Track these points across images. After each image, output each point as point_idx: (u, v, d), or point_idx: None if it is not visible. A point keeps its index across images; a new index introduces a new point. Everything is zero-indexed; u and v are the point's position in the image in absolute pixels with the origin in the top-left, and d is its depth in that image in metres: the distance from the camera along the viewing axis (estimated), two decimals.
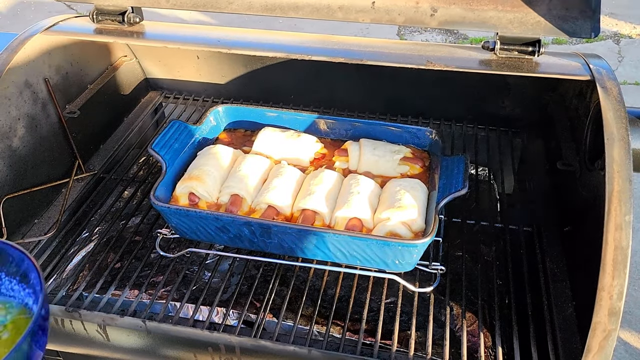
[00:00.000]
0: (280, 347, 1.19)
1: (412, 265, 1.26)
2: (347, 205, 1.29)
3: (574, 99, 1.48)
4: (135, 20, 1.51)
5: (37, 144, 1.56)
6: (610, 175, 1.07)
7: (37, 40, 1.51)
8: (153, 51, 1.95)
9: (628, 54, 4.90)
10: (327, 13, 1.38)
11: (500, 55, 1.31)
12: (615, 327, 1.03)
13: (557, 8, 1.25)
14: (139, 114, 1.97)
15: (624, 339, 2.62)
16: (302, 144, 1.49)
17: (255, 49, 1.46)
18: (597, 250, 1.05)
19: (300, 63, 1.39)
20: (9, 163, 1.47)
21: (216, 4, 1.45)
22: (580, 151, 1.37)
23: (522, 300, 1.31)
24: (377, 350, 1.19)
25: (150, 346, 1.27)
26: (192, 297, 1.37)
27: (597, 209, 1.09)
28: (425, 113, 1.83)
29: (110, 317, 1.26)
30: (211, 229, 1.29)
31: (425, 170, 1.44)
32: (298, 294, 1.35)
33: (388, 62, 1.33)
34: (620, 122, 1.11)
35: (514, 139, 1.80)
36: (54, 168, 1.64)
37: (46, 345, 0.85)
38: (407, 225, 1.25)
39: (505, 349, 1.22)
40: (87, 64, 1.77)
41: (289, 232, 1.24)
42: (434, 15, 1.33)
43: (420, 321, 1.28)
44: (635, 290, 2.84)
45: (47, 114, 1.60)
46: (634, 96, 4.30)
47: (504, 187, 1.71)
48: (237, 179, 1.37)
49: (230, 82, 1.96)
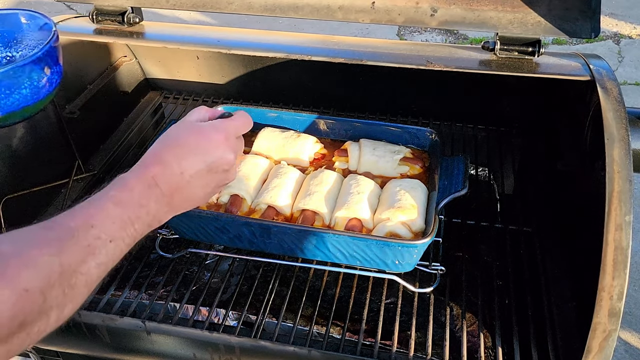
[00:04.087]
0: (280, 347, 1.19)
1: (412, 265, 1.26)
2: (347, 205, 1.29)
3: (574, 99, 1.48)
4: (135, 21, 1.51)
5: (36, 144, 1.56)
6: (610, 176, 1.07)
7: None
8: (153, 51, 1.95)
9: (628, 54, 4.90)
10: (327, 13, 1.38)
11: (500, 56, 1.31)
12: (616, 328, 1.03)
13: (557, 8, 1.25)
14: (139, 114, 1.97)
15: (624, 340, 2.62)
16: (302, 144, 1.49)
17: (255, 49, 1.46)
18: (597, 251, 1.05)
19: (300, 63, 1.39)
20: (8, 163, 1.47)
21: (216, 4, 1.45)
22: (580, 151, 1.37)
23: (522, 301, 1.31)
24: (377, 350, 1.19)
25: (150, 346, 1.27)
26: (192, 298, 1.37)
27: (597, 210, 1.09)
28: (425, 113, 1.83)
29: (110, 318, 1.26)
30: (211, 229, 1.29)
31: (425, 171, 1.44)
32: (298, 294, 1.35)
33: (388, 62, 1.33)
34: (620, 122, 1.11)
35: (514, 139, 1.80)
36: (54, 168, 1.64)
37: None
38: (407, 226, 1.25)
39: (506, 350, 1.22)
40: (87, 65, 1.77)
41: (289, 232, 1.23)
42: (434, 15, 1.33)
43: (420, 321, 1.28)
44: (636, 290, 2.84)
45: (46, 114, 1.60)
46: (634, 96, 4.30)
47: (504, 188, 1.71)
48: (237, 179, 1.37)
49: (230, 82, 1.96)
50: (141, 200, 0.91)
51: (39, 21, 1.34)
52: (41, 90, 1.22)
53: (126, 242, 0.87)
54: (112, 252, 0.84)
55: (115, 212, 0.86)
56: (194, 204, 1.05)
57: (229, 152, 1.04)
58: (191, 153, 0.99)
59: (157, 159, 0.98)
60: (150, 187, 0.93)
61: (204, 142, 1.02)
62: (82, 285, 0.79)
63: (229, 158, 1.04)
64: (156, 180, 0.95)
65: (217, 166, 1.03)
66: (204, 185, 1.03)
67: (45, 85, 1.22)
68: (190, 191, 1.00)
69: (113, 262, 0.86)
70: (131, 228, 0.88)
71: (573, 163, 1.45)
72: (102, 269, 0.83)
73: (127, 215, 0.88)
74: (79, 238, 0.80)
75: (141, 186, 0.93)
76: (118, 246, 0.85)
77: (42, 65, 1.20)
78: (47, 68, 1.21)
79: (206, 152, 1.01)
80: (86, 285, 0.80)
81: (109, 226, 0.84)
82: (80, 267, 0.78)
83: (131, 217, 0.88)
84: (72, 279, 0.76)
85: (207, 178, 1.02)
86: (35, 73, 1.19)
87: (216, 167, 1.03)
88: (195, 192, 1.02)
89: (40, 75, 1.20)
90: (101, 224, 0.83)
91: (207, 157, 1.01)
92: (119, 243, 0.86)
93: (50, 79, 1.23)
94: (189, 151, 1.00)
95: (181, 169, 0.98)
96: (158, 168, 0.96)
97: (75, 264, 0.77)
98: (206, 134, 1.03)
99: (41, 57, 1.19)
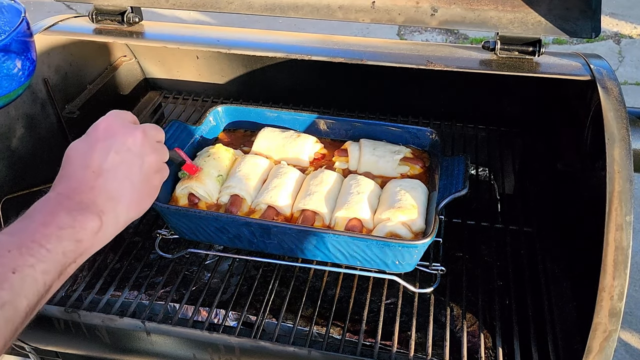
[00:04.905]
0: (280, 347, 1.19)
1: (413, 265, 1.25)
2: (347, 205, 1.29)
3: (574, 99, 1.48)
4: (135, 20, 1.51)
5: (36, 144, 1.56)
6: (610, 176, 1.06)
7: (36, 41, 1.51)
8: (152, 51, 1.94)
9: (629, 54, 4.90)
10: (327, 13, 1.37)
11: (500, 56, 1.31)
12: (616, 328, 1.03)
13: (557, 8, 1.25)
14: (139, 114, 1.96)
15: (624, 340, 2.62)
16: (302, 144, 1.49)
17: (255, 49, 1.46)
18: (597, 251, 1.05)
19: (300, 63, 1.39)
20: (8, 163, 1.47)
21: (216, 4, 1.45)
22: (581, 151, 1.37)
23: (523, 301, 1.31)
24: (377, 351, 1.19)
25: (149, 347, 1.27)
26: (192, 298, 1.36)
27: (597, 210, 1.08)
28: (426, 113, 1.83)
29: (110, 318, 1.26)
30: (211, 229, 1.29)
31: (425, 171, 1.44)
32: (298, 294, 1.34)
33: (388, 62, 1.33)
34: (620, 122, 1.11)
35: (514, 139, 1.80)
36: (54, 168, 1.62)
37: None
38: (408, 226, 1.25)
39: (506, 350, 1.22)
40: (87, 64, 1.77)
41: (289, 232, 1.23)
42: (434, 15, 1.32)
43: (420, 322, 1.28)
44: (636, 290, 2.83)
45: (46, 114, 1.60)
46: (634, 96, 4.30)
47: (504, 188, 1.71)
48: (237, 179, 1.37)
49: (230, 82, 1.95)
50: (45, 218, 0.80)
51: (9, 9, 1.24)
52: (13, 79, 1.14)
53: (40, 268, 0.74)
54: (20, 285, 0.70)
55: (8, 241, 0.74)
56: (131, 201, 0.92)
57: (129, 129, 0.94)
58: (90, 148, 0.91)
59: (60, 174, 0.90)
60: (51, 200, 0.84)
61: (100, 133, 0.93)
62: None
63: (134, 134, 0.93)
64: (57, 191, 0.85)
65: (121, 146, 0.91)
66: (126, 175, 0.91)
67: (16, 74, 1.14)
68: (111, 185, 0.88)
69: (28, 298, 0.71)
70: (41, 249, 0.75)
71: (573, 163, 1.45)
72: (8, 309, 0.68)
73: (28, 237, 0.75)
74: None
75: (41, 205, 0.83)
76: (28, 275, 0.72)
77: (10, 54, 1.12)
78: (17, 57, 1.13)
79: (105, 139, 0.91)
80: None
81: (4, 256, 0.72)
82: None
83: (35, 238, 0.76)
84: None
85: (122, 166, 0.90)
86: (4, 62, 1.11)
87: (120, 148, 0.91)
88: (120, 186, 0.90)
89: (10, 64, 1.12)
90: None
91: (106, 143, 0.91)
92: (28, 272, 0.72)
93: (22, 68, 1.15)
94: (87, 147, 0.91)
95: (84, 165, 0.88)
96: (61, 180, 0.88)
97: None
98: (96, 126, 0.95)
99: (7, 45, 1.10)
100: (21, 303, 0.70)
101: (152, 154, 0.97)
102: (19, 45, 1.14)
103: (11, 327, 0.69)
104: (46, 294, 0.75)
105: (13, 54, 1.13)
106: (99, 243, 0.86)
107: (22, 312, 0.71)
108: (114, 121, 0.95)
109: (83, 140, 0.94)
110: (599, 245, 1.04)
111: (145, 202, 0.96)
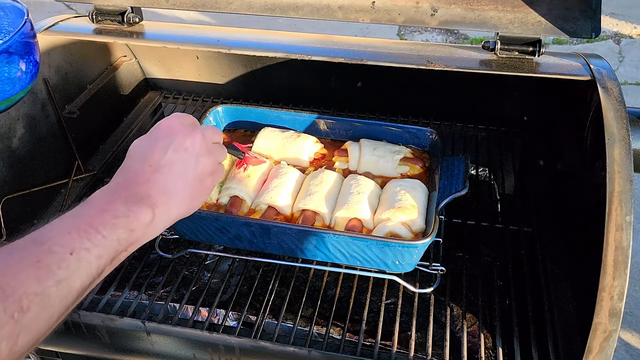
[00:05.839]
0: (279, 347, 1.19)
1: (413, 265, 1.25)
2: (347, 205, 1.29)
3: (574, 99, 1.48)
4: (135, 20, 1.51)
5: (36, 144, 1.56)
6: (611, 176, 1.06)
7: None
8: (152, 51, 1.94)
9: (629, 54, 4.90)
10: (327, 13, 1.37)
11: (500, 56, 1.31)
12: (616, 328, 1.03)
13: (557, 8, 1.25)
14: (139, 114, 1.97)
15: (624, 340, 2.62)
16: (302, 144, 1.49)
17: (255, 49, 1.46)
18: (597, 251, 1.05)
19: (300, 63, 1.39)
20: (8, 163, 1.47)
21: (216, 4, 1.45)
22: (581, 151, 1.37)
23: (523, 301, 1.30)
24: (377, 351, 1.19)
25: (149, 347, 1.27)
26: (192, 298, 1.36)
27: (597, 210, 1.08)
28: (426, 113, 1.83)
29: (110, 318, 1.26)
30: (211, 229, 1.29)
31: (425, 171, 1.44)
32: (298, 294, 1.34)
33: (388, 62, 1.33)
34: (621, 122, 1.11)
35: (514, 139, 1.80)
36: (54, 168, 1.64)
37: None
38: (408, 226, 1.25)
39: (506, 350, 1.22)
40: (87, 64, 1.77)
41: (289, 232, 1.23)
42: (434, 15, 1.32)
43: (420, 322, 1.28)
44: (636, 290, 2.83)
45: (46, 114, 1.60)
46: (634, 96, 4.30)
47: (504, 188, 1.71)
48: (237, 180, 1.37)
49: (230, 82, 1.95)
50: (103, 205, 0.84)
51: (12, 10, 1.24)
52: (16, 82, 1.13)
53: (95, 252, 0.77)
54: (76, 266, 0.74)
55: (70, 223, 0.79)
56: (183, 198, 0.95)
57: (189, 130, 0.98)
58: (151, 145, 0.94)
59: (121, 167, 0.93)
60: (110, 189, 0.88)
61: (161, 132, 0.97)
62: (40, 309, 0.69)
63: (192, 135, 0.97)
64: (117, 181, 0.90)
65: (179, 145, 0.95)
66: (180, 173, 0.94)
67: (19, 77, 1.13)
68: (166, 180, 0.92)
69: (82, 279, 0.75)
70: (97, 235, 0.78)
71: (573, 163, 1.45)
72: (63, 287, 0.72)
73: (86, 222, 0.79)
74: (23, 255, 0.71)
75: (101, 193, 0.87)
76: (84, 258, 0.76)
77: (13, 57, 1.10)
78: (20, 59, 1.12)
79: (165, 138, 0.95)
80: (46, 308, 0.70)
81: (64, 237, 0.75)
82: (30, 288, 0.68)
83: (92, 224, 0.79)
84: (22, 302, 0.67)
85: (177, 163, 0.94)
86: (6, 65, 1.10)
87: (178, 147, 0.95)
88: (174, 182, 0.93)
89: (12, 67, 1.11)
90: (52, 237, 0.75)
91: (166, 141, 0.94)
92: (84, 255, 0.76)
93: (25, 71, 1.14)
94: (148, 144, 0.95)
95: (143, 159, 0.92)
96: (121, 172, 0.92)
97: (19, 284, 0.68)
98: (158, 126, 0.99)
99: (10, 47, 1.09)
100: (75, 283, 0.74)
101: (207, 156, 1.00)
102: (22, 47, 1.13)
103: (65, 304, 0.74)
104: (98, 277, 0.79)
105: (16, 56, 1.12)
106: (150, 234, 0.89)
107: (74, 292, 0.75)
108: (176, 122, 1.00)
109: (145, 137, 0.98)
110: (599, 245, 1.04)
111: (196, 201, 0.99)
